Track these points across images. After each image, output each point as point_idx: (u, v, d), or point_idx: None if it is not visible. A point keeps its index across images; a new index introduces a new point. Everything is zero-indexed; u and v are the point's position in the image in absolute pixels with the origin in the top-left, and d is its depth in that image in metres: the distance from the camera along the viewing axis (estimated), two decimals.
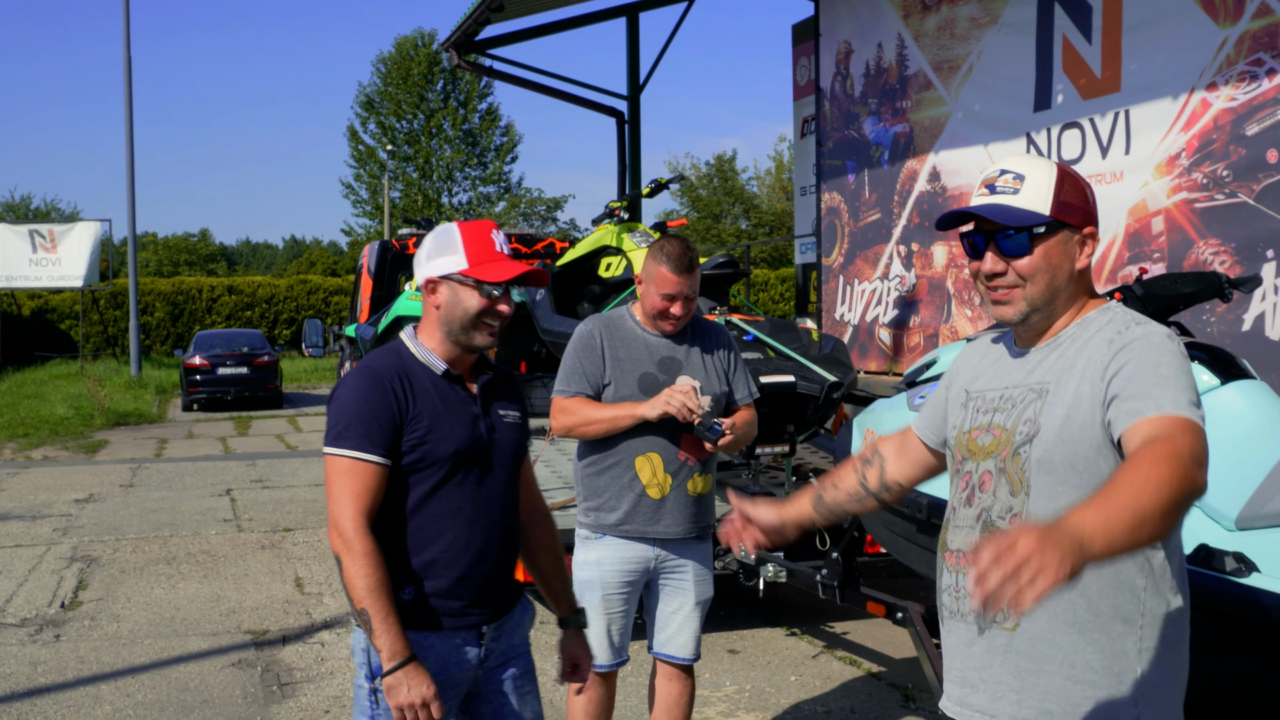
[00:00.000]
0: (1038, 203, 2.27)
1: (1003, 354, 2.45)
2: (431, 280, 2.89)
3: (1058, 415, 2.20)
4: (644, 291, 4.15)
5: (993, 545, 1.73)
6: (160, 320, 38.70)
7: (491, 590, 2.94)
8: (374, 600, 2.69)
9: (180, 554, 9.41)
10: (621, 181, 14.98)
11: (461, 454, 2.85)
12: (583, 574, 4.20)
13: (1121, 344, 2.18)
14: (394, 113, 52.02)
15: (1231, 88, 6.25)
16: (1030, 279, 2.27)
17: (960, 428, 2.43)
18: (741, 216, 48.79)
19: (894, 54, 9.32)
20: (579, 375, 4.13)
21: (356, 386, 2.83)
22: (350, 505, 2.74)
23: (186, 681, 6.19)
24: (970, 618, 2.31)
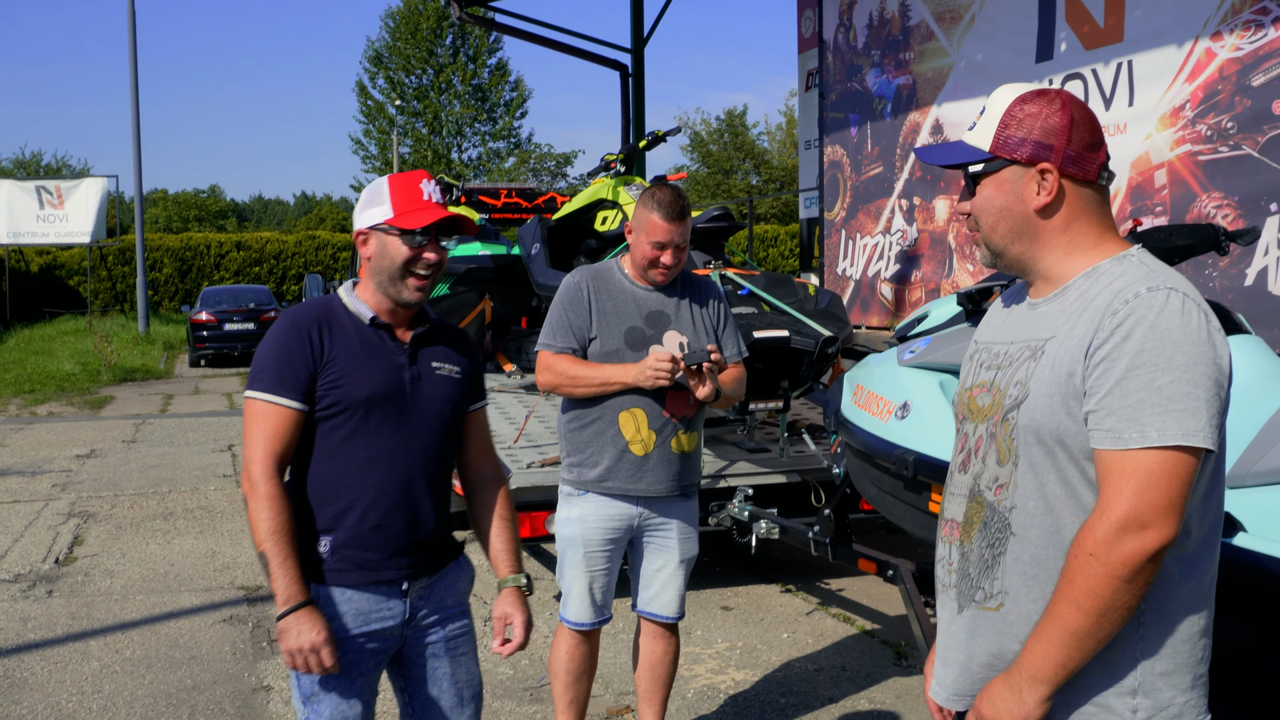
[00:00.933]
0: (982, 138, 2.10)
1: (1018, 305, 2.24)
2: (362, 232, 2.90)
3: (1046, 381, 2.00)
4: (634, 240, 4.07)
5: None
6: (168, 276, 38.67)
7: (411, 544, 2.90)
8: (274, 543, 2.68)
9: (178, 509, 9.39)
10: (625, 134, 14.86)
11: (376, 399, 2.83)
12: (565, 530, 4.15)
13: (1119, 321, 1.92)
14: (403, 68, 51.66)
15: (1236, 37, 6.11)
16: (981, 218, 2.12)
17: (963, 383, 2.27)
18: (752, 172, 48.52)
19: (896, 4, 9.16)
20: (565, 329, 4.06)
21: (276, 332, 2.85)
22: (261, 448, 2.75)
23: (176, 638, 6.17)
24: (953, 592, 2.16)
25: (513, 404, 7.89)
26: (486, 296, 8.70)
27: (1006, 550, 2.05)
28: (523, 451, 6.58)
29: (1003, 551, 2.06)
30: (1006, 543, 2.05)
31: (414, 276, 2.85)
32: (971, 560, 2.12)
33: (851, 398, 4.77)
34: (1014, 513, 2.04)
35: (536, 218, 8.16)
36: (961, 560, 2.14)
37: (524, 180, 50.26)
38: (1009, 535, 2.05)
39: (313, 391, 2.81)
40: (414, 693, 3.01)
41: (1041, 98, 2.08)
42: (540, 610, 6.52)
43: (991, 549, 2.08)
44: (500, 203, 11.40)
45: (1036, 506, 2.02)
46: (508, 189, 11.49)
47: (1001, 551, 2.06)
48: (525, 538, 6.18)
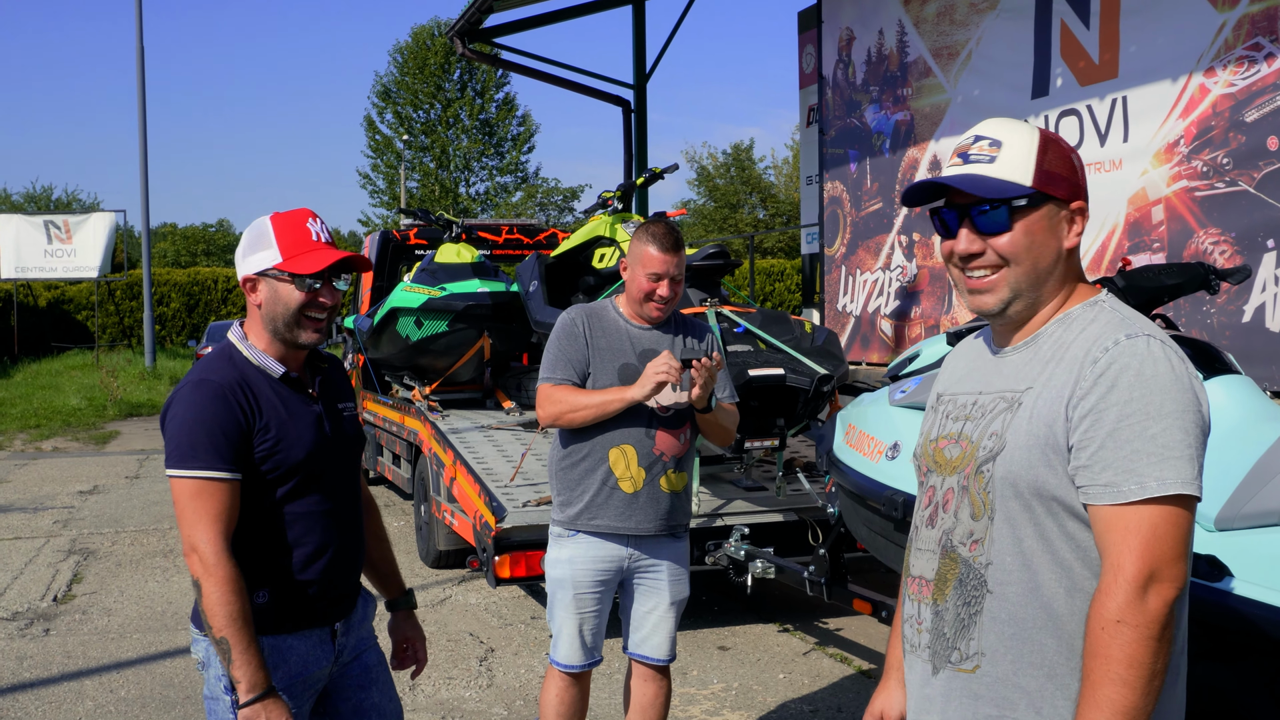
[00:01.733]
0: (1018, 172, 1.98)
1: (981, 353, 2.16)
2: (249, 278, 2.78)
3: (1024, 433, 1.93)
4: (630, 275, 4.08)
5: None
6: (175, 311, 38.78)
7: (342, 588, 2.91)
8: (235, 630, 2.57)
9: (178, 547, 9.37)
10: (628, 170, 14.89)
11: (312, 457, 2.78)
12: (555, 572, 4.13)
13: (1101, 370, 1.86)
14: (411, 102, 51.95)
15: (1230, 73, 6.12)
16: (1012, 260, 1.97)
17: (928, 435, 2.18)
18: (759, 206, 48.62)
19: (894, 40, 9.19)
20: (564, 362, 4.06)
21: (196, 402, 2.67)
22: (208, 529, 2.61)
23: (171, 677, 6.14)
24: (926, 653, 2.06)
25: (510, 441, 7.87)
26: (485, 333, 8.70)
27: (983, 609, 1.97)
28: (519, 490, 6.56)
29: (979, 610, 1.98)
30: (983, 601, 1.97)
31: (309, 320, 2.78)
32: (946, 619, 2.02)
33: (844, 437, 4.76)
34: (990, 569, 1.97)
35: (535, 255, 8.17)
36: (935, 619, 2.05)
37: (531, 215, 50.41)
38: (985, 593, 1.97)
39: (248, 458, 2.70)
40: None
41: (1053, 135, 2.04)
42: (536, 650, 6.49)
43: (968, 607, 1.99)
44: (501, 239, 11.43)
45: (1014, 562, 1.94)
46: (509, 225, 11.52)
47: (978, 610, 1.98)
48: (521, 577, 6.16)
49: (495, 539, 6.11)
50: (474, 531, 6.60)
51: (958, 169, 2.03)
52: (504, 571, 6.14)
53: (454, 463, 7.37)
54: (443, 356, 8.82)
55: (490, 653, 6.41)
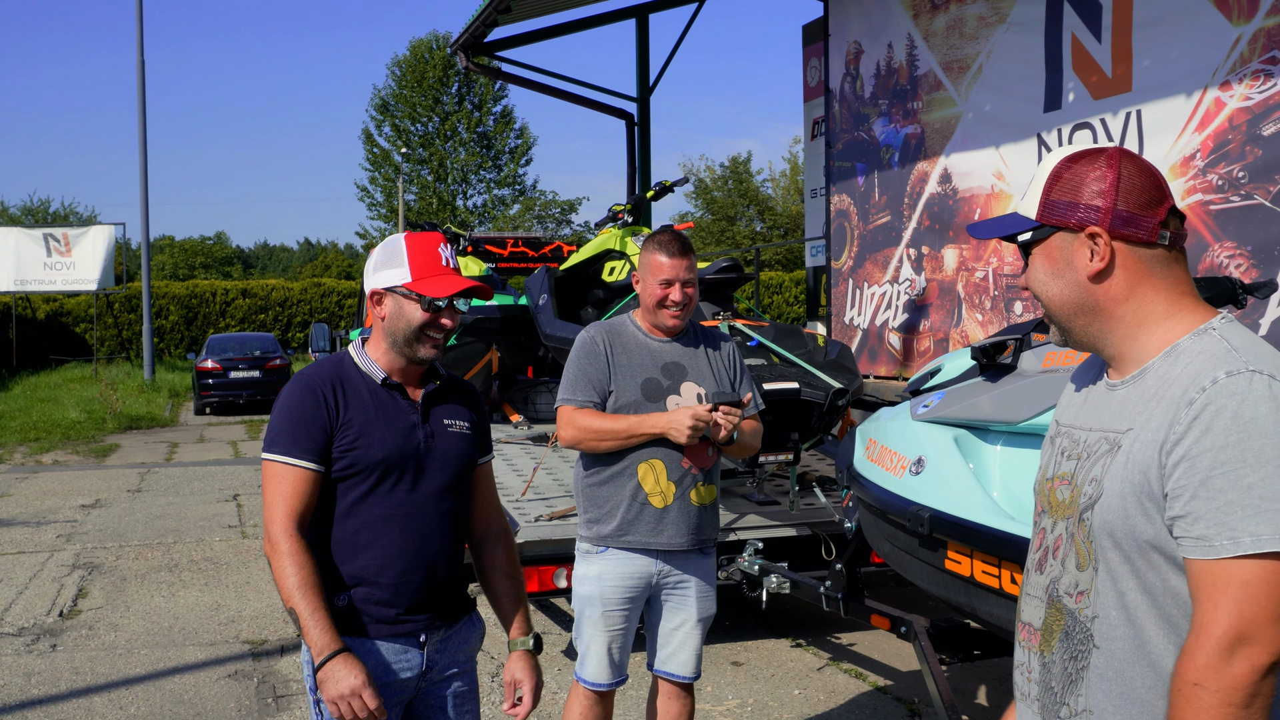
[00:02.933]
0: (1029, 205, 1.95)
1: (1095, 381, 2.04)
2: (377, 292, 2.93)
3: (1119, 479, 1.82)
4: (642, 287, 4.08)
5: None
6: (174, 324, 38.74)
7: (429, 598, 2.94)
8: (302, 597, 2.69)
9: (183, 561, 9.32)
10: (631, 184, 14.88)
11: (391, 460, 2.87)
12: (583, 589, 4.10)
13: (1196, 413, 1.73)
14: (409, 115, 52.02)
15: (1246, 86, 6.10)
16: (1039, 293, 1.96)
17: (1044, 471, 2.06)
18: (756, 219, 48.63)
19: (904, 54, 9.18)
20: (584, 383, 4.04)
21: (290, 394, 2.88)
22: (280, 508, 2.78)
23: (181, 693, 6.10)
24: (1035, 705, 1.97)
25: (520, 455, 7.84)
26: (494, 347, 8.67)
27: (1090, 664, 1.87)
28: (531, 505, 6.52)
29: (1086, 665, 1.87)
30: (1089, 655, 1.87)
31: (429, 338, 2.89)
32: (1054, 673, 1.94)
33: (864, 452, 4.72)
34: (1096, 623, 1.86)
35: (544, 268, 8.14)
36: (1043, 671, 1.96)
37: (529, 227, 50.41)
38: (1092, 648, 1.86)
39: (329, 453, 2.85)
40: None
41: (1087, 157, 1.93)
42: (549, 666, 6.45)
43: (1075, 661, 1.90)
44: (507, 252, 11.40)
45: (1118, 617, 1.83)
46: (514, 238, 11.49)
47: (1085, 665, 1.88)
48: (533, 592, 6.12)
49: None
50: None
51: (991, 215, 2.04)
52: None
53: None
54: (451, 369, 8.77)
55: (503, 669, 6.36)
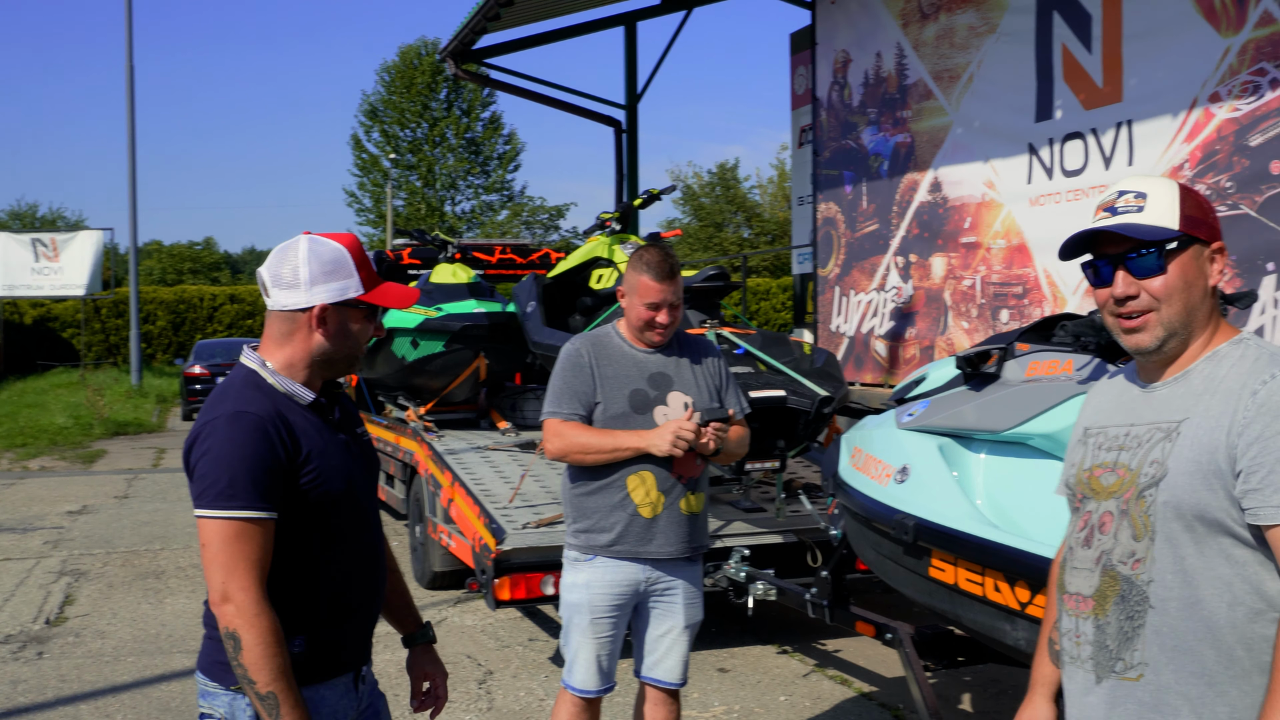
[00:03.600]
0: (1165, 218, 2.17)
1: (1126, 388, 2.34)
2: (325, 308, 2.57)
3: (1186, 460, 2.10)
4: (628, 304, 4.06)
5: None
6: (162, 329, 38.66)
7: (368, 630, 2.75)
8: (284, 686, 2.40)
9: (170, 568, 9.30)
10: (619, 190, 14.87)
11: (349, 488, 2.61)
12: (571, 596, 4.09)
13: (1263, 401, 2.04)
14: (397, 121, 51.98)
15: (1235, 99, 6.14)
16: (1166, 300, 2.16)
17: (1080, 465, 2.34)
18: (744, 225, 48.68)
19: (893, 63, 9.21)
20: (570, 395, 4.03)
21: (234, 437, 2.45)
22: (246, 575, 2.40)
23: (168, 701, 6.08)
24: (1089, 665, 2.23)
25: (508, 463, 7.84)
26: (481, 354, 8.67)
27: (1146, 623, 2.13)
28: (518, 512, 6.53)
29: (1142, 624, 2.14)
30: (1145, 615, 2.13)
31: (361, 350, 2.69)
32: (1109, 633, 2.19)
33: (849, 460, 4.73)
34: (1152, 586, 2.13)
35: (532, 275, 8.15)
36: (1098, 633, 2.21)
37: (517, 233, 50.41)
38: (1148, 608, 2.13)
39: (282, 496, 2.51)
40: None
41: (1185, 185, 2.26)
42: (534, 672, 6.45)
43: (1131, 621, 2.15)
44: (495, 259, 11.41)
45: (1174, 580, 2.10)
46: (502, 245, 11.51)
47: (1141, 624, 2.14)
48: (521, 599, 6.13)
49: (495, 561, 6.08)
50: (473, 553, 6.56)
51: (1109, 221, 2.21)
52: (503, 594, 6.11)
53: (452, 484, 7.34)
54: (438, 377, 8.78)
55: (489, 675, 6.36)
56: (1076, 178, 7.22)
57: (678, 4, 13.86)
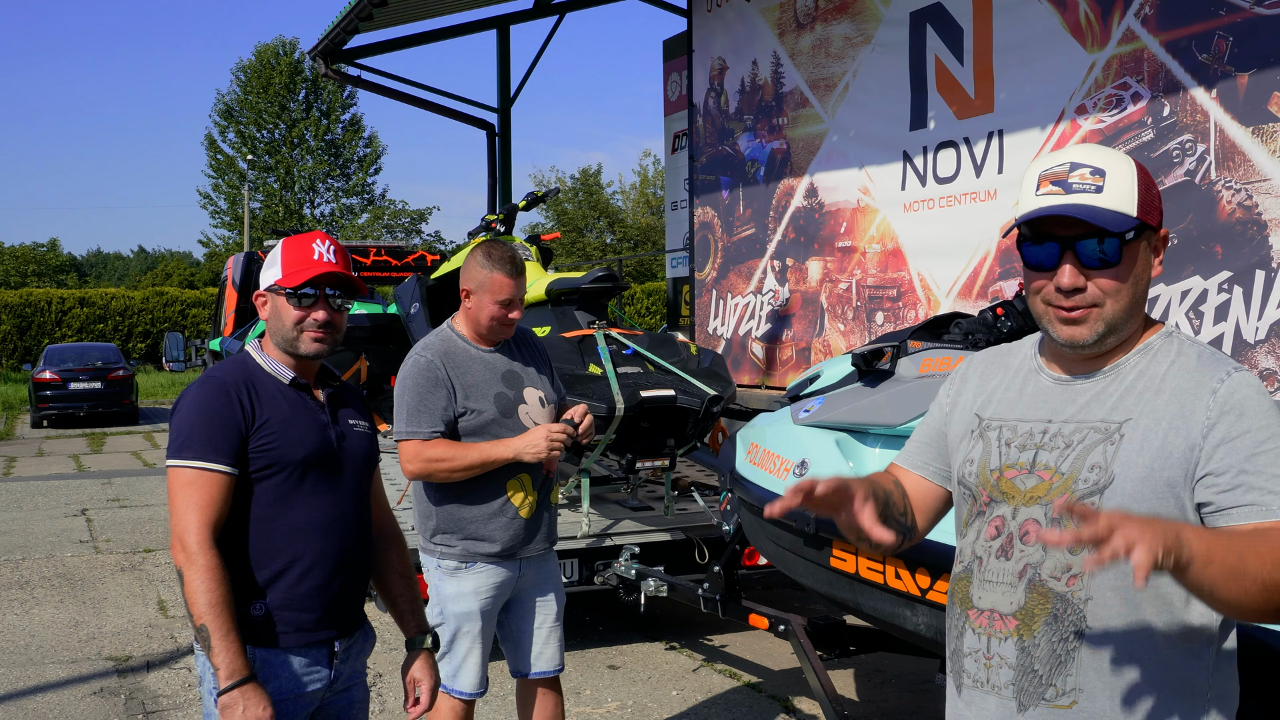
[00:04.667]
0: (1124, 203, 1.92)
1: (1029, 376, 2.12)
2: (259, 294, 2.94)
3: (1137, 466, 1.91)
4: (476, 302, 3.98)
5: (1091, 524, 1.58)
6: (6, 334, 37.25)
7: (343, 606, 2.92)
8: (214, 616, 2.63)
9: (34, 578, 9.02)
10: (492, 194, 14.85)
11: (312, 459, 2.83)
12: (461, 606, 4.03)
13: (1225, 401, 1.89)
14: (254, 122, 51.00)
15: (1100, 111, 6.44)
16: (1114, 295, 1.93)
17: (984, 463, 2.09)
18: (607, 230, 48.89)
19: (769, 71, 9.41)
20: (428, 413, 3.94)
21: (199, 396, 2.80)
22: (195, 517, 2.69)
23: (44, 712, 5.92)
24: (1009, 690, 1.99)
25: (391, 465, 7.78)
26: (363, 355, 8.62)
27: (1081, 645, 1.93)
28: (406, 514, 6.50)
29: (1077, 647, 1.94)
30: (1081, 638, 1.93)
31: (307, 332, 2.86)
32: (1037, 656, 1.97)
33: (746, 456, 4.85)
34: (1090, 604, 1.93)
35: (415, 277, 8.13)
36: (1022, 656, 1.98)
37: (378, 236, 49.85)
38: (1084, 629, 1.93)
39: (244, 454, 2.77)
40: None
41: (1138, 161, 2.01)
42: None
43: (1064, 644, 1.94)
44: (369, 260, 11.33)
45: (1114, 598, 1.92)
46: (377, 247, 11.44)
47: (1076, 647, 1.94)
48: None
49: None
50: None
51: (1060, 199, 1.93)
52: None
53: None
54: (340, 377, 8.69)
55: (379, 677, 6.33)
56: (949, 184, 7.47)
57: (550, 9, 13.91)
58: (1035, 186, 1.97)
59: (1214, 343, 5.83)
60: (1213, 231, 5.86)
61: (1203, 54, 5.89)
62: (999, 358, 2.22)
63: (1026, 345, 2.20)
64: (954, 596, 2.12)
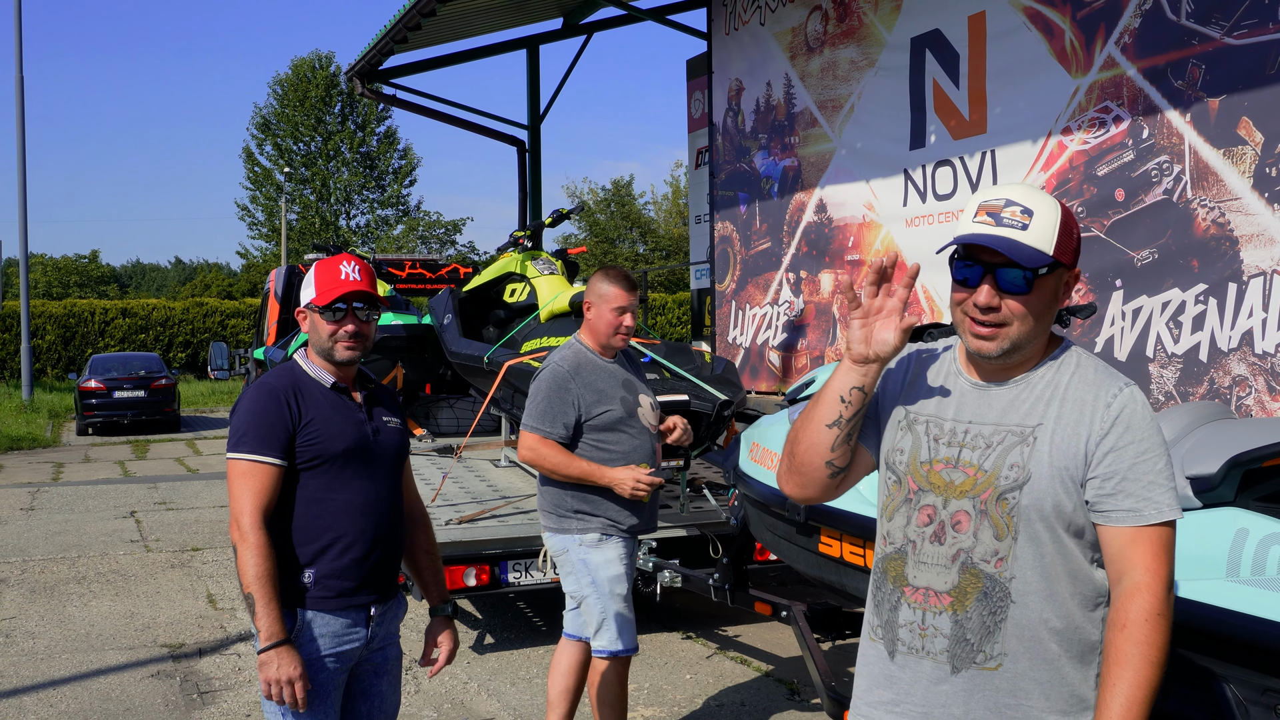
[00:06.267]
0: (1044, 241, 2.22)
1: (954, 380, 2.41)
2: (300, 310, 3.46)
3: (1047, 465, 2.23)
4: (597, 314, 4.72)
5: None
6: (51, 343, 38.10)
7: (379, 576, 3.42)
8: (260, 587, 3.13)
9: (90, 574, 9.57)
10: (522, 209, 15.34)
11: (351, 451, 3.34)
12: (611, 570, 4.70)
13: (1115, 414, 2.22)
14: (291, 135, 51.80)
15: (1084, 132, 6.86)
16: (1022, 319, 2.23)
17: (914, 455, 2.38)
18: (639, 241, 49.34)
19: (782, 92, 9.87)
20: (554, 418, 4.65)
21: (254, 399, 3.31)
22: (249, 502, 3.19)
23: (108, 692, 6.44)
24: (944, 657, 2.30)
25: (427, 466, 8.29)
26: (399, 364, 9.12)
27: (1007, 617, 2.25)
28: (440, 510, 6.99)
29: (1004, 618, 2.25)
30: (1007, 610, 2.25)
31: (340, 342, 3.38)
32: (970, 627, 2.27)
33: (749, 454, 5.32)
34: (1014, 582, 2.25)
35: (448, 290, 8.63)
36: (956, 628, 2.29)
37: (413, 248, 50.51)
38: (1009, 603, 2.25)
39: (292, 448, 3.28)
40: (347, 703, 3.48)
41: (1065, 206, 2.31)
42: (458, 659, 6.91)
43: (993, 616, 2.26)
44: (405, 273, 11.83)
45: (1034, 575, 2.24)
46: (412, 260, 11.93)
47: (1003, 618, 2.25)
48: None
49: None
50: None
51: (990, 229, 2.22)
52: None
53: None
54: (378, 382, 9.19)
55: (414, 663, 6.80)
56: (947, 201, 7.91)
57: (578, 30, 14.40)
58: (974, 214, 2.28)
59: (1191, 351, 6.25)
60: (1189, 247, 6.26)
61: (1178, 80, 6.31)
62: (924, 356, 2.51)
63: (944, 347, 2.50)
64: (885, 574, 2.40)
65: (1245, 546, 3.15)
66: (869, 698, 2.42)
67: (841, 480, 2.46)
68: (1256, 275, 5.92)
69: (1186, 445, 3.47)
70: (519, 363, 7.05)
